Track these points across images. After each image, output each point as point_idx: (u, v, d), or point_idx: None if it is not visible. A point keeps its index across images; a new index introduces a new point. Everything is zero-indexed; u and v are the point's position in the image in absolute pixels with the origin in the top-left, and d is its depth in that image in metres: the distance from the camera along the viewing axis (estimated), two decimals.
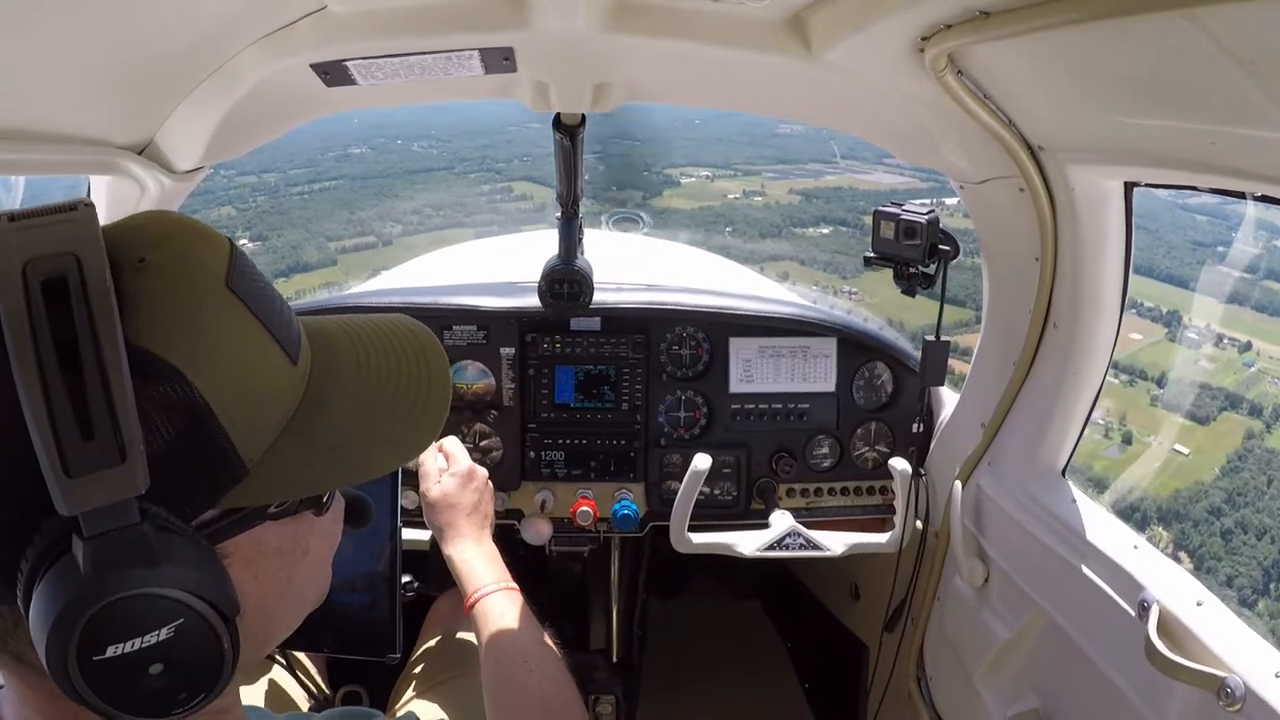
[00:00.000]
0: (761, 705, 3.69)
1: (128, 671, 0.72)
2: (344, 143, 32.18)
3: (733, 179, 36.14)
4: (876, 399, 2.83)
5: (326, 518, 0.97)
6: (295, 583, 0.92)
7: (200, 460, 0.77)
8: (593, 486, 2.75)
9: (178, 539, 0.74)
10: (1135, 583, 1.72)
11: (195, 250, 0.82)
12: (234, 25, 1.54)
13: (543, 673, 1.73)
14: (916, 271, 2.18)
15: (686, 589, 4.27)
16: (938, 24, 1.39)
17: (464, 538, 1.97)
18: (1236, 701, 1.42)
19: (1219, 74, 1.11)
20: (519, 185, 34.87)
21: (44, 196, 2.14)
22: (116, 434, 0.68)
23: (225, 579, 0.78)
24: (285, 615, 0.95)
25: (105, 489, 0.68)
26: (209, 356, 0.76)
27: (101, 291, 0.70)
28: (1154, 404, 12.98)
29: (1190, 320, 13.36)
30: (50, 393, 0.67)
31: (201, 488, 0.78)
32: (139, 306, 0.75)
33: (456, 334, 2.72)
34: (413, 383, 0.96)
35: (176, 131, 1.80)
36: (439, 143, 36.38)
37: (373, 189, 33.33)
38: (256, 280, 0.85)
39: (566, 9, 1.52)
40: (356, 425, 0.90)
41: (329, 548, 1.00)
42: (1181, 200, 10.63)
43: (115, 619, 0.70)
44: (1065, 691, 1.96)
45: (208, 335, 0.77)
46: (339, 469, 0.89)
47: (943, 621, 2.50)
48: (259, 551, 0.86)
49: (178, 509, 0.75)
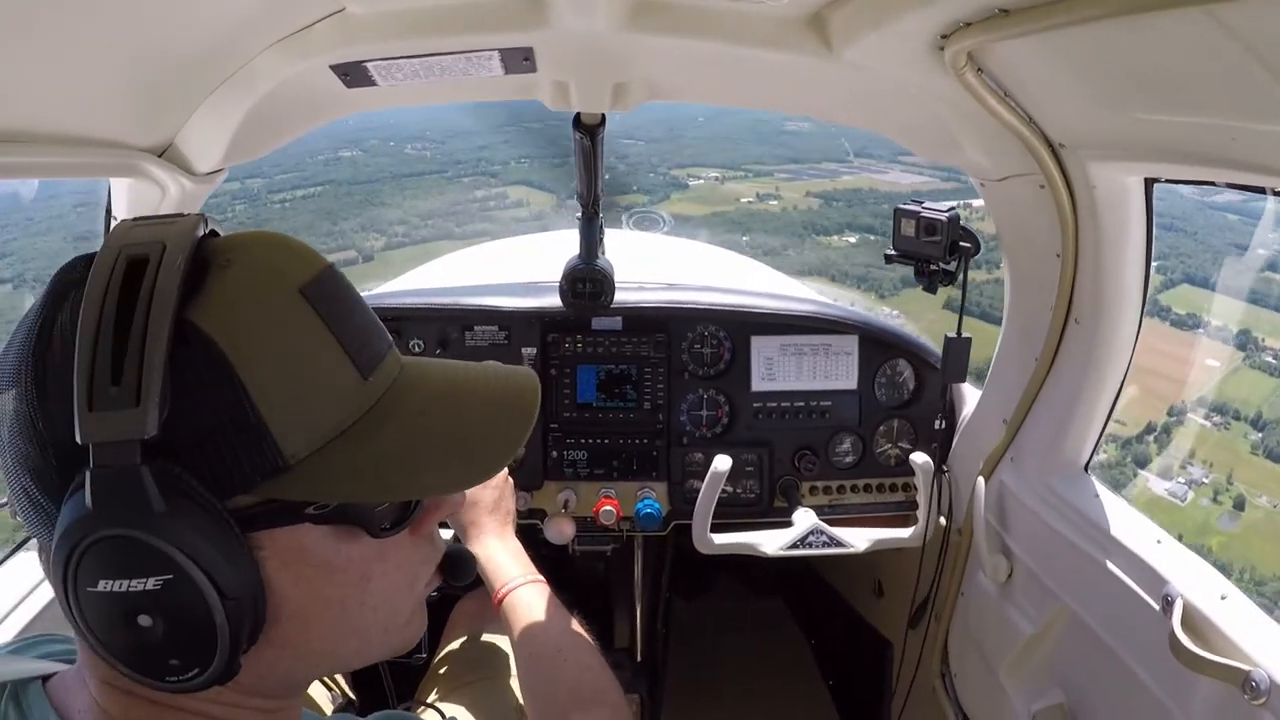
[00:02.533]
0: (786, 704, 3.69)
1: (119, 614, 0.79)
2: (335, 145, 31.40)
3: (744, 180, 34.94)
4: (898, 396, 2.83)
5: (399, 552, 0.96)
6: (349, 607, 0.92)
7: (235, 439, 0.80)
8: (615, 486, 2.76)
9: (194, 505, 0.79)
10: (1159, 577, 1.72)
11: (281, 260, 0.88)
12: (252, 28, 1.57)
13: (577, 661, 1.75)
14: (938, 269, 2.19)
15: (710, 588, 4.27)
16: (958, 22, 1.40)
17: (487, 534, 1.98)
18: (1261, 695, 1.42)
19: (1239, 69, 1.11)
20: (515, 190, 33.86)
21: (55, 197, 2.19)
22: (139, 383, 0.75)
23: (239, 561, 0.81)
24: (333, 638, 0.93)
25: (115, 426, 0.75)
26: (259, 346, 0.82)
27: (170, 271, 0.79)
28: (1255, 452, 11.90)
29: (1264, 340, 12.39)
30: (99, 343, 0.76)
31: (236, 468, 0.81)
32: (210, 294, 0.82)
33: (478, 334, 2.74)
34: (478, 424, 0.97)
35: (196, 133, 1.83)
36: (433, 144, 35.43)
37: (359, 195, 32.44)
38: (342, 298, 0.90)
39: (586, 8, 1.52)
40: (408, 448, 0.90)
41: (400, 587, 0.98)
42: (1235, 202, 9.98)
43: (106, 553, 0.77)
44: (1090, 686, 1.95)
45: (264, 329, 0.83)
46: (382, 485, 0.89)
47: (966, 618, 2.50)
48: (302, 557, 0.87)
49: (210, 482, 0.80)
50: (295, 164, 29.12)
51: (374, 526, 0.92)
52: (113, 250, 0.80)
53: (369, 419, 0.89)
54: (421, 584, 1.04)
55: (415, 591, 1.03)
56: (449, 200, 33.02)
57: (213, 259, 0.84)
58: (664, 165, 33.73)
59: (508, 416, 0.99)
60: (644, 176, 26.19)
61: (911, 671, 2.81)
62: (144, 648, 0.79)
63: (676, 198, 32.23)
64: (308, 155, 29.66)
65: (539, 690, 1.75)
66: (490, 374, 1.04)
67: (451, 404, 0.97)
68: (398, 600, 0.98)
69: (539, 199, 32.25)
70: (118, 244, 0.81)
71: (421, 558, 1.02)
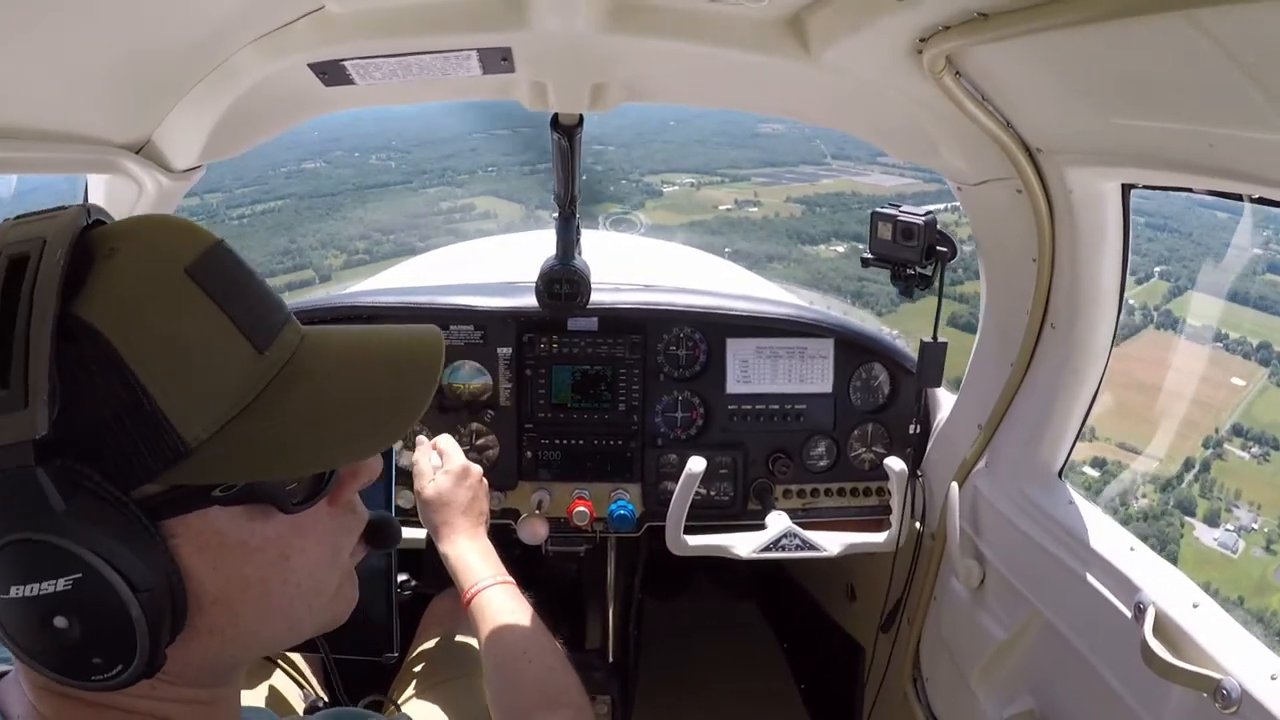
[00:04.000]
0: (757, 706, 3.69)
1: (34, 618, 0.78)
2: (300, 156, 30.54)
3: (720, 186, 34.31)
4: (873, 400, 2.83)
5: (317, 525, 0.94)
6: (272, 587, 0.91)
7: (132, 429, 0.79)
8: (589, 487, 2.75)
9: (97, 500, 0.78)
10: (1131, 584, 1.72)
11: (166, 242, 0.87)
12: (231, 25, 1.54)
13: (542, 663, 1.75)
14: (914, 273, 2.19)
15: (683, 589, 4.27)
16: (936, 25, 1.39)
17: (459, 534, 1.98)
18: (1232, 704, 1.42)
19: (1218, 75, 1.11)
20: (482, 201, 32.96)
21: (36, 191, 2.12)
22: (25, 384, 0.74)
23: (150, 552, 0.80)
24: (260, 620, 0.92)
25: (6, 429, 0.74)
26: (147, 332, 0.81)
27: (50, 266, 0.78)
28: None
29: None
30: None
31: (137, 458, 0.80)
32: (94, 285, 0.81)
33: (454, 334, 2.72)
34: (382, 387, 0.96)
35: (174, 131, 1.80)
36: (398, 154, 34.65)
37: (320, 209, 31.43)
38: (231, 274, 0.89)
39: (565, 9, 1.51)
40: (311, 420, 0.89)
41: (322, 560, 0.96)
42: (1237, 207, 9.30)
43: (12, 558, 0.77)
44: (1061, 693, 1.96)
45: (151, 314, 0.82)
46: (285, 460, 0.88)
47: (939, 622, 2.50)
48: (217, 540, 0.85)
49: (112, 475, 0.79)
50: (256, 177, 28.35)
51: (285, 503, 0.90)
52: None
53: (269, 393, 0.88)
54: (345, 554, 1.01)
55: (340, 563, 1.01)
56: (413, 213, 32.23)
57: (96, 249, 0.83)
58: (636, 171, 33.15)
59: (411, 378, 0.97)
60: (616, 183, 25.39)
61: (882, 675, 2.82)
62: (64, 649, 0.79)
63: (651, 205, 31.51)
64: (270, 168, 29.00)
65: (504, 691, 1.75)
66: (392, 336, 1.02)
67: (354, 369, 0.96)
68: (321, 574, 0.97)
69: (507, 210, 31.41)
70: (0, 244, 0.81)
71: (342, 528, 1.00)
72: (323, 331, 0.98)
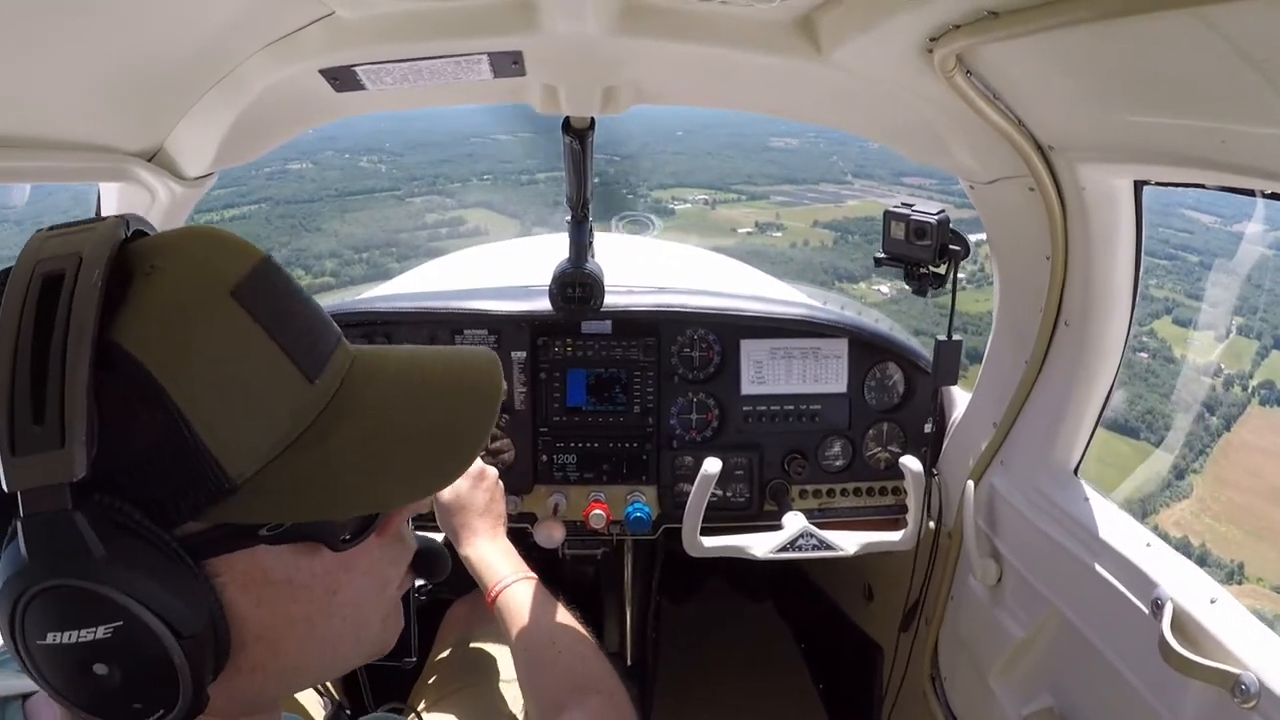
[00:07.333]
0: (776, 707, 3.69)
1: (72, 665, 0.74)
2: (288, 156, 28.05)
3: (737, 204, 32.09)
4: (888, 399, 2.83)
5: (366, 558, 0.91)
6: (317, 622, 0.87)
7: (177, 466, 0.75)
8: (605, 489, 2.75)
9: (137, 542, 0.74)
10: (1149, 580, 1.72)
11: (210, 259, 0.81)
12: (241, 32, 1.55)
13: (573, 651, 1.76)
14: (927, 272, 2.19)
15: (700, 591, 4.27)
16: (946, 24, 1.40)
17: (479, 537, 1.98)
18: (1251, 699, 1.42)
19: (1230, 72, 1.11)
20: (472, 214, 30.59)
21: (49, 197, 2.12)
22: (62, 421, 0.70)
23: (193, 594, 0.77)
24: (304, 654, 0.88)
25: (41, 470, 0.70)
26: (189, 362, 0.76)
27: (87, 289, 0.73)
28: None
29: None
30: (16, 378, 0.71)
31: (180, 496, 0.76)
32: (134, 308, 0.76)
33: (468, 338, 2.73)
34: (439, 417, 0.91)
35: (186, 138, 1.82)
36: (390, 158, 32.33)
37: (294, 218, 28.81)
38: (280, 295, 0.84)
39: (575, 12, 1.52)
40: (364, 454, 0.85)
41: (370, 593, 0.93)
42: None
43: (49, 605, 0.72)
44: (1080, 690, 1.95)
45: (193, 341, 0.77)
46: (336, 501, 0.84)
47: (957, 621, 2.50)
48: (264, 578, 0.82)
49: (153, 514, 0.75)
50: (235, 178, 25.90)
51: (334, 540, 0.86)
52: (26, 267, 0.75)
53: (319, 425, 0.83)
54: (393, 587, 0.99)
55: (387, 595, 0.98)
56: (393, 227, 29.76)
57: (136, 267, 0.78)
58: (644, 186, 30.68)
59: (470, 411, 0.93)
60: (622, 199, 23.63)
61: (901, 675, 2.81)
62: (104, 694, 0.75)
63: (663, 224, 29.54)
64: (252, 168, 25.79)
65: (535, 682, 1.75)
66: (448, 360, 0.97)
67: (409, 397, 0.91)
68: (368, 607, 0.94)
69: (500, 224, 28.74)
70: (31, 259, 0.76)
71: (390, 559, 0.97)
72: (376, 353, 0.94)
